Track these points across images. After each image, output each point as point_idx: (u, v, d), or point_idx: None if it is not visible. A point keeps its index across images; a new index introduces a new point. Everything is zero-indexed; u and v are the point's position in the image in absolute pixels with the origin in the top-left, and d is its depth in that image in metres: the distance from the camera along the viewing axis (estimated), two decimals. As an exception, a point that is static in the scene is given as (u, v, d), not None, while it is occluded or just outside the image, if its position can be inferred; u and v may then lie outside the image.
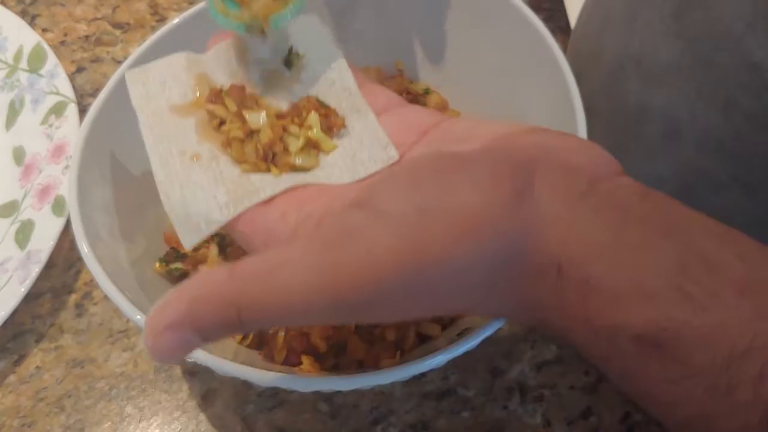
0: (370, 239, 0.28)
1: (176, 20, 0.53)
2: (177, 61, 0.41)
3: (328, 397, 0.52)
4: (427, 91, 0.60)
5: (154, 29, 0.75)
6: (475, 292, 0.30)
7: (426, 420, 0.52)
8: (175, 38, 0.53)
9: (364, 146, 0.38)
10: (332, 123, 0.39)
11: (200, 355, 0.39)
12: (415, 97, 0.59)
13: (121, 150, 0.51)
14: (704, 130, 0.42)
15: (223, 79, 0.40)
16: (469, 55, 0.56)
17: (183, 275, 0.50)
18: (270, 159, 0.37)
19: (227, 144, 0.37)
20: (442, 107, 0.59)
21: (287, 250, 0.29)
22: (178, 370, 0.54)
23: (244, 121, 0.37)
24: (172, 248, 0.52)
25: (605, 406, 0.52)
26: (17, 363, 0.55)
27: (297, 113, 0.39)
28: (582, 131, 0.44)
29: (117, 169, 0.50)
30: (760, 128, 0.40)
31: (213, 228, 0.35)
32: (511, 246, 0.29)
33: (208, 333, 0.29)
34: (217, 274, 0.29)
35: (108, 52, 0.74)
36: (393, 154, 0.37)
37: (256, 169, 0.37)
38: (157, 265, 0.50)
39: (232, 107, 0.38)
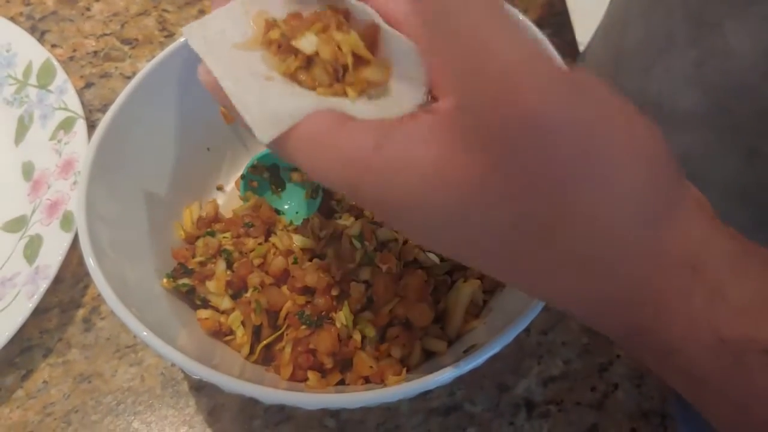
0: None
1: (184, 36, 0.53)
2: (232, 9, 0.39)
3: (335, 413, 0.53)
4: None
5: (162, 45, 0.76)
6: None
7: (432, 436, 0.52)
8: (184, 54, 0.53)
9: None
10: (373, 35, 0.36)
11: (207, 373, 0.39)
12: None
13: (130, 166, 0.51)
14: (727, 176, 0.42)
15: (280, 11, 0.39)
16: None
17: (191, 291, 0.51)
18: (341, 76, 0.35)
19: (294, 74, 0.36)
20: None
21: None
22: (185, 386, 0.54)
23: (297, 51, 0.36)
24: (180, 264, 0.52)
25: (611, 422, 0.51)
26: (25, 378, 0.56)
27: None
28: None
29: (125, 185, 0.50)
30: None
31: (298, 117, 0.32)
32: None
33: None
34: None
35: (116, 68, 0.74)
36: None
37: (333, 93, 0.35)
38: (165, 280, 0.50)
39: (283, 37, 0.37)
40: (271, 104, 0.33)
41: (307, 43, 0.35)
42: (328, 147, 0.31)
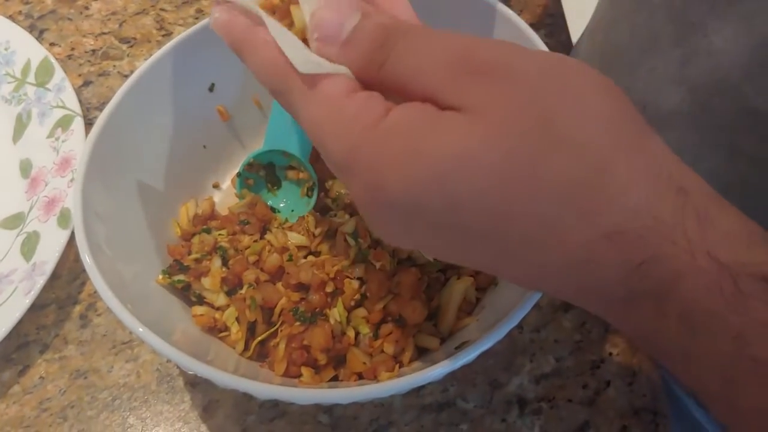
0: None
1: (182, 35, 0.54)
2: None
3: (328, 409, 0.53)
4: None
5: (160, 44, 0.76)
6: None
7: (425, 432, 0.52)
8: (182, 53, 0.54)
9: None
10: None
11: (201, 368, 0.39)
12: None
13: (126, 163, 0.51)
14: (710, 174, 0.43)
15: None
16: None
17: (186, 287, 0.51)
18: None
19: None
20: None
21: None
22: (180, 382, 0.55)
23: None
24: (176, 260, 0.52)
25: (603, 420, 0.52)
26: (21, 373, 0.56)
27: None
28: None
29: (122, 183, 0.51)
30: (766, 172, 0.41)
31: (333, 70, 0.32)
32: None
33: None
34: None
35: (115, 66, 0.75)
36: None
37: None
38: (161, 277, 0.51)
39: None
40: (303, 50, 0.33)
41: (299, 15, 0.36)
42: (337, 108, 0.31)
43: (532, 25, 0.51)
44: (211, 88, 0.58)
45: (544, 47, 0.49)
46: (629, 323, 0.31)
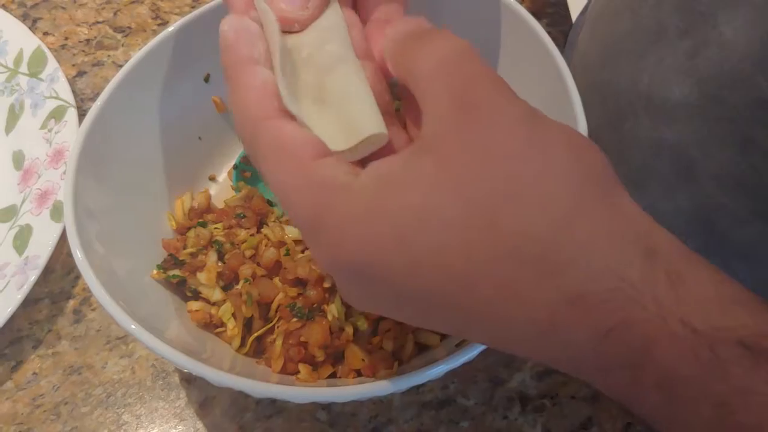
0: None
1: (177, 24, 0.53)
2: None
3: (327, 406, 0.52)
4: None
5: (155, 33, 0.75)
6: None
7: (425, 430, 0.51)
8: (177, 42, 0.53)
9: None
10: None
11: (196, 367, 0.38)
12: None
13: (119, 155, 0.50)
14: (721, 166, 0.42)
15: None
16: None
17: (181, 282, 0.50)
18: None
19: None
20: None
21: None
22: (176, 378, 0.54)
23: None
24: (171, 255, 0.51)
25: (606, 417, 0.51)
26: (14, 369, 0.55)
27: None
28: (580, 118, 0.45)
29: (114, 175, 0.50)
30: None
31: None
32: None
33: None
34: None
35: (109, 56, 0.74)
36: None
37: None
38: (155, 271, 0.50)
39: None
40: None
41: None
42: (304, 173, 0.30)
43: (534, 14, 0.50)
44: (207, 79, 0.57)
45: (546, 37, 0.48)
46: (607, 390, 0.29)
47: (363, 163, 0.32)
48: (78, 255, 0.42)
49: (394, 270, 0.28)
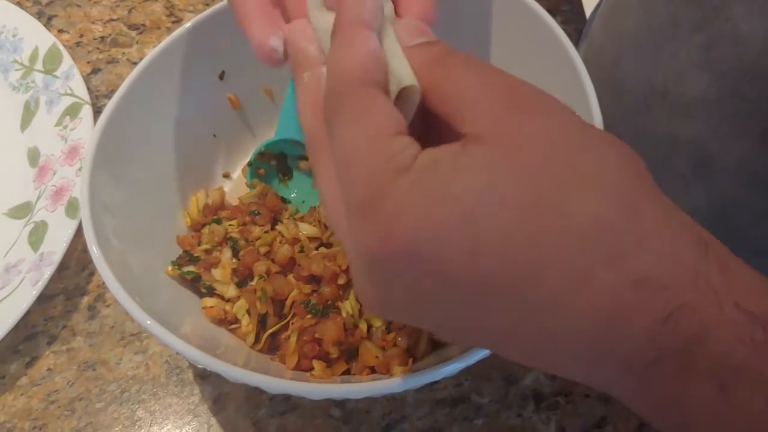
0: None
1: (192, 21, 0.53)
2: None
3: (340, 403, 0.52)
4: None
5: (169, 31, 0.75)
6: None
7: (439, 427, 0.51)
8: (191, 39, 0.53)
9: None
10: None
11: (211, 362, 0.38)
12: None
13: (135, 152, 0.51)
14: (738, 161, 0.42)
15: None
16: (482, 56, 0.56)
17: (196, 278, 0.50)
18: None
19: None
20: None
21: None
22: (189, 374, 0.54)
23: None
24: (185, 251, 0.51)
25: (620, 416, 0.51)
26: (29, 365, 0.55)
27: None
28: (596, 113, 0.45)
29: (130, 172, 0.50)
30: None
31: None
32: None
33: None
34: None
35: (124, 53, 0.74)
36: None
37: None
38: (170, 268, 0.50)
39: None
40: None
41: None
42: (380, 143, 0.29)
43: (549, 11, 0.49)
44: (222, 76, 0.57)
45: (561, 33, 0.48)
46: (648, 393, 0.28)
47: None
48: (94, 251, 0.42)
49: (452, 252, 0.26)
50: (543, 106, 0.29)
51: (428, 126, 0.32)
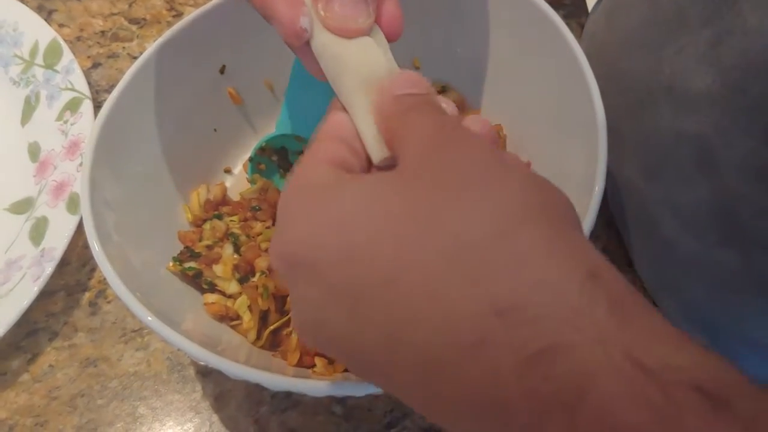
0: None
1: (192, 15, 0.52)
2: None
3: (342, 400, 0.52)
4: (444, 89, 0.59)
5: (170, 24, 0.75)
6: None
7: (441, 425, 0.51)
8: (192, 34, 0.53)
9: None
10: None
11: (212, 359, 0.38)
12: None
13: (135, 147, 0.50)
14: (743, 157, 0.41)
15: None
16: (485, 51, 0.56)
17: (197, 274, 0.50)
18: None
19: None
20: (460, 105, 0.58)
21: None
22: (191, 371, 0.54)
23: None
24: (186, 247, 0.51)
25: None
26: (31, 361, 0.55)
27: None
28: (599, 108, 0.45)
29: (130, 167, 0.50)
30: None
31: None
32: None
33: None
34: None
35: (124, 48, 0.74)
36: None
37: None
38: (171, 264, 0.50)
39: None
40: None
41: None
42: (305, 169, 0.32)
43: (551, 5, 0.49)
44: (222, 70, 0.57)
45: (564, 28, 0.48)
46: None
47: None
48: (95, 247, 0.42)
49: (329, 256, 0.27)
50: (464, 144, 0.28)
51: None
